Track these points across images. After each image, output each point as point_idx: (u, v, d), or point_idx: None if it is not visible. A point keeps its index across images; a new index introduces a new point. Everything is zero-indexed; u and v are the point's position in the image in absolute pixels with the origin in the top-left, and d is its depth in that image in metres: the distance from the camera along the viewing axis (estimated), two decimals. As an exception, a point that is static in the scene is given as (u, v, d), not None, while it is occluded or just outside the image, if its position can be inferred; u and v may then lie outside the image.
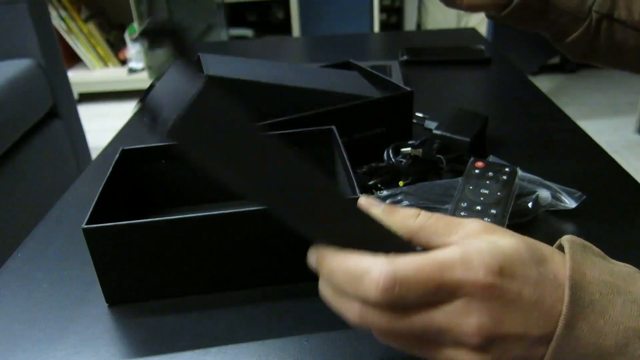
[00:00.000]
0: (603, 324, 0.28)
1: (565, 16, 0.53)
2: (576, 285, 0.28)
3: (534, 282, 0.29)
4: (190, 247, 0.46)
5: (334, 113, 0.62)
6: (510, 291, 0.28)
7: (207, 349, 0.43)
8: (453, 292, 0.28)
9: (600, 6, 0.52)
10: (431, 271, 0.28)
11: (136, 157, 0.57)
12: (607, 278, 0.29)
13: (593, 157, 0.69)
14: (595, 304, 0.28)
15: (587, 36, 0.53)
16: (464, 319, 0.28)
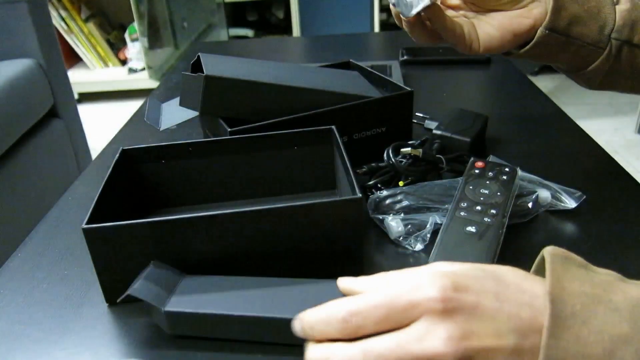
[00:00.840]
0: (587, 333, 0.28)
1: (586, 48, 0.51)
2: (556, 299, 0.29)
3: (492, 293, 0.30)
4: (190, 246, 0.46)
5: (334, 113, 0.62)
6: (468, 302, 0.29)
7: (207, 348, 0.43)
8: (409, 314, 0.30)
9: (619, 33, 0.50)
10: (382, 301, 0.31)
11: (136, 157, 0.57)
12: (587, 289, 0.30)
13: (593, 157, 0.69)
14: (577, 314, 0.29)
15: (606, 64, 0.52)
16: (432, 338, 0.29)
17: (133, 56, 2.66)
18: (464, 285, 0.30)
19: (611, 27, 0.50)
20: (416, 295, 0.30)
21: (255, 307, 0.42)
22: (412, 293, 0.30)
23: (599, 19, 0.50)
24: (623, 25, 0.50)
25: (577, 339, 0.28)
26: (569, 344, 0.28)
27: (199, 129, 0.73)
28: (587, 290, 0.30)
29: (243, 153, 0.59)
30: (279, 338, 0.42)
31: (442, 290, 0.29)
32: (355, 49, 1.26)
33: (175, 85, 1.04)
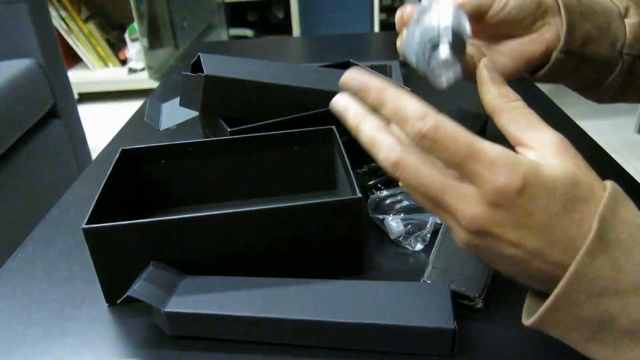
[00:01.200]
0: (624, 261, 0.29)
1: (599, 66, 0.50)
2: (605, 221, 0.29)
3: (552, 212, 0.30)
4: (190, 246, 0.46)
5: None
6: (520, 208, 0.30)
7: (207, 348, 0.43)
8: (469, 176, 0.30)
9: (630, 48, 0.49)
10: (461, 148, 0.30)
11: (136, 157, 0.57)
12: (638, 221, 0.30)
13: (593, 157, 0.68)
14: (622, 242, 0.29)
15: (619, 80, 0.51)
16: (463, 203, 0.31)
17: (133, 56, 2.66)
18: (532, 194, 0.30)
19: (622, 42, 0.49)
20: (485, 172, 0.30)
21: (255, 307, 0.42)
22: (486, 168, 0.30)
23: (609, 35, 0.48)
24: (634, 39, 0.49)
25: (613, 264, 0.29)
26: (603, 266, 0.29)
27: (199, 129, 0.73)
28: (638, 222, 0.30)
29: (243, 153, 0.59)
30: (279, 338, 0.42)
31: (507, 187, 0.30)
32: (355, 49, 1.26)
33: (175, 85, 1.04)
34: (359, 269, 0.50)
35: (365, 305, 0.41)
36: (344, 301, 0.42)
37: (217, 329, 0.43)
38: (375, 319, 0.40)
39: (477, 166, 0.30)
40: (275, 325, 0.41)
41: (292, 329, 0.41)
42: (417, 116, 0.31)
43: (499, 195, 0.30)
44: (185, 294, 0.43)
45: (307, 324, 0.41)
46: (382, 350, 0.41)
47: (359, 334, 0.41)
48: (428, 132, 0.30)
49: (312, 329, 0.41)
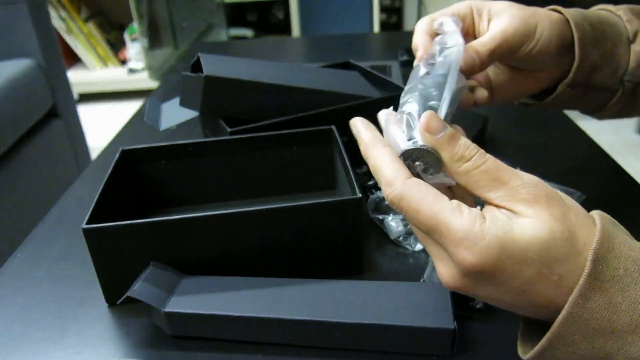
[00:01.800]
0: (621, 300, 0.28)
1: (600, 93, 0.50)
2: (600, 259, 0.28)
3: (525, 279, 0.29)
4: (190, 246, 0.46)
5: (334, 113, 0.62)
6: (492, 280, 0.29)
7: (207, 348, 0.43)
8: (441, 245, 0.30)
9: (632, 75, 0.48)
10: (424, 220, 0.30)
11: (136, 157, 0.57)
12: (636, 255, 0.29)
13: (593, 157, 0.69)
14: (617, 279, 0.28)
15: (619, 104, 0.51)
16: (440, 264, 0.31)
17: (133, 56, 2.66)
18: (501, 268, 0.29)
19: (624, 69, 0.48)
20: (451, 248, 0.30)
21: (254, 307, 0.42)
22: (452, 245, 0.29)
23: (612, 63, 0.48)
24: (636, 67, 0.48)
25: (608, 303, 0.28)
26: (598, 306, 0.28)
27: (199, 129, 0.73)
28: (635, 256, 0.29)
29: (243, 153, 0.59)
30: (279, 338, 0.42)
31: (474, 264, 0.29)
32: (355, 49, 1.26)
33: (175, 85, 1.04)
34: (358, 269, 0.50)
35: (365, 305, 0.41)
36: (344, 301, 0.42)
37: (217, 329, 0.43)
38: (375, 319, 0.40)
39: (442, 240, 0.30)
40: (275, 325, 0.41)
41: (292, 329, 0.41)
42: (386, 182, 0.32)
43: (468, 271, 0.29)
44: (185, 294, 0.43)
45: (307, 324, 0.41)
46: (382, 350, 0.41)
47: (359, 334, 0.41)
48: (393, 200, 0.31)
49: (312, 329, 0.41)
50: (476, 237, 0.28)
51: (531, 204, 0.29)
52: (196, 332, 0.43)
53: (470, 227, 0.29)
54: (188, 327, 0.43)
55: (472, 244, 0.29)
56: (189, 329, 0.43)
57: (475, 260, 0.29)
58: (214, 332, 0.43)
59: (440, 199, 0.30)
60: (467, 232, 0.29)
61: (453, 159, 0.31)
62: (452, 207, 0.30)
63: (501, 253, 0.28)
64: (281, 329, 0.41)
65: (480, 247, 0.28)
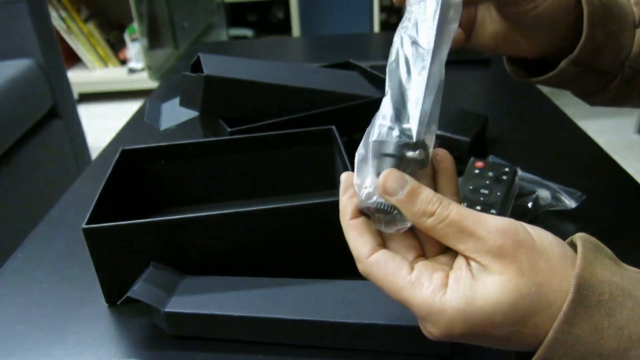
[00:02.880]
0: (607, 325, 0.27)
1: (600, 75, 0.48)
2: (583, 284, 0.28)
3: (498, 338, 0.30)
4: (190, 246, 0.46)
5: (334, 113, 0.62)
6: (464, 340, 0.30)
7: (207, 348, 0.43)
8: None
9: (633, 61, 0.46)
10: (390, 293, 0.31)
11: (136, 157, 0.57)
12: (618, 280, 0.28)
13: (593, 157, 0.69)
14: (603, 304, 0.28)
15: (616, 90, 0.49)
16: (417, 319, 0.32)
17: (133, 56, 2.66)
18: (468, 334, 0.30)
19: (626, 54, 0.46)
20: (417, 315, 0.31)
21: (255, 307, 0.42)
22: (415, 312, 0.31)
23: (616, 45, 0.46)
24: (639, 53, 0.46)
25: (594, 330, 0.27)
26: (583, 332, 0.27)
27: (199, 129, 0.73)
28: (619, 282, 0.28)
29: (243, 153, 0.59)
30: (279, 338, 0.42)
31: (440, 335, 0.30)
32: (355, 49, 1.26)
33: (175, 85, 1.04)
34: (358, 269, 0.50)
35: (365, 305, 0.41)
36: (343, 301, 0.42)
37: (217, 329, 0.43)
38: (375, 319, 0.40)
39: (409, 309, 0.31)
40: (275, 325, 0.41)
41: (292, 329, 0.41)
42: (355, 256, 0.33)
43: (439, 337, 0.30)
44: (185, 294, 0.43)
45: (306, 324, 0.41)
46: (382, 350, 0.41)
47: (358, 334, 0.41)
48: (363, 273, 0.33)
49: (312, 329, 0.41)
50: (437, 312, 0.29)
51: (498, 258, 0.29)
52: (196, 332, 0.43)
53: (431, 303, 0.29)
54: (188, 327, 0.43)
55: (435, 319, 0.29)
56: (189, 329, 0.43)
57: (441, 334, 0.30)
58: (214, 332, 0.43)
59: (400, 274, 0.31)
60: (428, 308, 0.29)
61: (416, 216, 0.31)
62: (412, 283, 0.30)
63: (466, 323, 0.29)
64: (281, 329, 0.41)
65: (443, 322, 0.29)
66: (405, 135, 0.32)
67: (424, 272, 0.30)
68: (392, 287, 0.31)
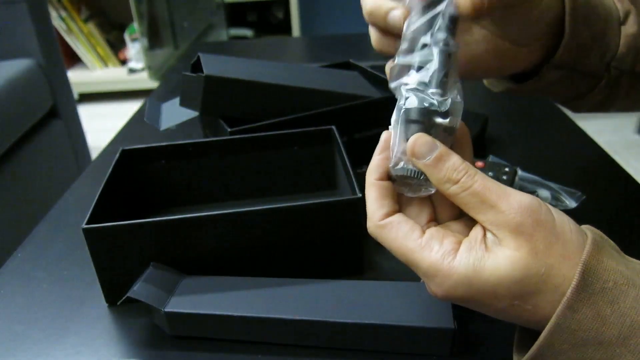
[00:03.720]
0: (610, 313, 0.28)
1: (584, 78, 0.45)
2: (589, 271, 0.28)
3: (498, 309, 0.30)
4: (190, 246, 0.46)
5: (334, 113, 0.62)
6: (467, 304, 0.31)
7: (207, 348, 0.43)
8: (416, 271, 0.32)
9: (620, 62, 0.44)
10: (398, 254, 0.32)
11: (136, 157, 0.57)
12: (623, 269, 0.29)
13: (593, 157, 0.69)
14: (607, 292, 0.28)
15: (601, 94, 0.47)
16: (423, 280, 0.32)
17: (133, 56, 2.66)
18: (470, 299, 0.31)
19: (612, 54, 0.44)
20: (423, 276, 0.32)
21: (255, 307, 0.42)
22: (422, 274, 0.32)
23: (602, 45, 0.44)
24: (626, 53, 0.44)
25: (597, 316, 0.28)
26: (586, 318, 0.28)
27: (199, 129, 0.73)
28: (623, 270, 0.29)
29: (243, 153, 0.59)
30: (279, 338, 0.42)
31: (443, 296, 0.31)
32: (355, 49, 1.26)
33: (175, 85, 1.04)
34: (358, 269, 0.50)
35: (365, 305, 0.41)
36: (344, 301, 0.42)
37: (217, 329, 0.43)
38: (375, 319, 0.40)
39: (416, 271, 0.32)
40: (275, 325, 0.41)
41: (292, 329, 0.41)
42: (368, 216, 0.33)
43: (440, 298, 0.31)
44: (185, 294, 0.43)
45: (307, 324, 0.41)
46: (382, 350, 0.41)
47: (359, 334, 0.41)
48: (371, 233, 0.33)
49: (312, 329, 0.41)
50: (444, 275, 0.30)
51: (515, 234, 0.29)
52: (196, 332, 0.43)
53: (439, 266, 0.30)
54: (188, 327, 0.43)
55: (440, 282, 0.30)
56: (189, 329, 0.43)
57: (444, 295, 0.31)
58: (214, 332, 0.43)
59: (411, 237, 0.32)
60: (435, 270, 0.30)
61: (441, 182, 0.31)
62: (422, 246, 0.31)
63: (469, 290, 0.30)
64: (281, 329, 0.41)
65: (447, 285, 0.30)
66: (435, 102, 0.32)
67: (435, 237, 0.31)
68: (402, 249, 0.32)
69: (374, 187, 0.34)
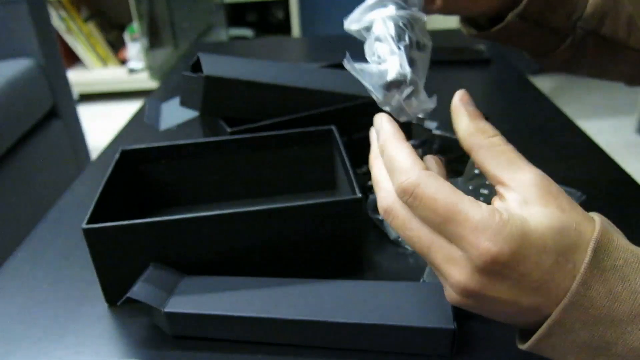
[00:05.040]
0: (621, 290, 0.28)
1: (550, 34, 0.48)
2: (601, 248, 0.28)
3: (545, 269, 0.29)
4: (190, 246, 0.46)
5: (334, 113, 0.62)
6: (512, 271, 0.29)
7: (207, 348, 0.43)
8: (453, 238, 0.29)
9: (585, 22, 0.47)
10: (441, 208, 0.29)
11: (136, 158, 0.57)
12: (634, 249, 0.29)
13: (593, 157, 0.69)
14: (618, 269, 0.28)
15: (568, 52, 0.49)
16: (451, 267, 0.30)
17: (133, 56, 2.66)
18: (523, 255, 0.28)
19: (579, 14, 0.47)
20: (471, 239, 0.29)
21: (255, 307, 0.42)
22: (471, 234, 0.29)
23: (569, 5, 0.47)
24: (592, 14, 0.46)
25: (609, 293, 0.28)
26: (598, 295, 0.28)
27: (199, 129, 0.73)
28: (633, 249, 0.29)
29: (243, 153, 0.59)
30: (279, 338, 0.42)
31: (496, 253, 0.28)
32: (355, 49, 1.26)
33: (175, 85, 1.04)
34: (358, 269, 0.50)
35: (365, 305, 0.41)
36: (343, 301, 0.42)
37: (217, 329, 0.43)
38: (375, 319, 0.40)
39: (459, 229, 0.29)
40: (275, 325, 0.41)
41: (292, 329, 0.41)
42: (402, 169, 0.31)
43: (488, 263, 0.28)
44: (185, 294, 0.43)
45: (306, 324, 0.41)
46: (382, 351, 0.41)
47: (359, 334, 0.41)
48: (408, 187, 0.30)
49: (311, 329, 0.41)
50: (498, 226, 0.28)
51: (542, 193, 0.30)
52: (196, 332, 0.43)
53: (491, 217, 0.28)
54: (188, 327, 0.43)
55: (494, 233, 0.28)
56: (189, 329, 0.43)
57: (498, 250, 0.28)
58: (214, 332, 0.43)
59: (457, 191, 0.30)
60: (488, 222, 0.28)
61: (479, 130, 0.33)
62: (470, 199, 0.30)
63: (524, 241, 0.28)
64: (281, 329, 0.41)
65: (504, 236, 0.28)
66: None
67: (474, 200, 0.30)
68: (448, 199, 0.29)
69: (405, 145, 0.33)
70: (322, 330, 0.41)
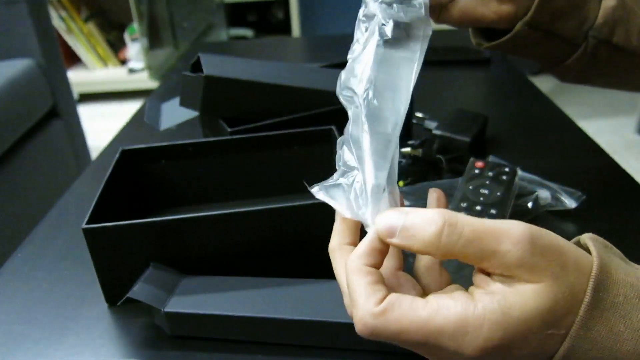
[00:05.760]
0: (623, 328, 0.27)
1: (561, 44, 0.47)
2: (600, 286, 0.27)
3: (534, 346, 0.28)
4: (190, 246, 0.46)
5: (334, 113, 0.62)
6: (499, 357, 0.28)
7: (207, 348, 0.43)
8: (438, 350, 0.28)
9: (597, 31, 0.46)
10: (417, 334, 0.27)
11: (136, 157, 0.57)
12: (633, 281, 0.28)
13: (593, 157, 0.69)
14: (618, 307, 0.27)
15: (581, 62, 0.48)
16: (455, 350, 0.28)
17: (133, 56, 2.66)
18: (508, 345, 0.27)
19: (591, 24, 0.46)
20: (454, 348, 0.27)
21: (255, 307, 0.42)
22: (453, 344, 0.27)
23: (580, 14, 0.46)
24: (604, 23, 0.46)
25: (610, 332, 0.27)
26: (600, 336, 0.27)
27: (199, 129, 0.73)
28: (633, 282, 0.28)
29: (243, 153, 0.59)
30: (279, 338, 0.42)
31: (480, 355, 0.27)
32: (355, 49, 1.26)
33: (175, 85, 1.04)
34: (359, 269, 0.50)
35: None
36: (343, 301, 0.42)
37: (217, 329, 0.43)
38: None
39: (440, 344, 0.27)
40: (275, 325, 0.41)
41: (292, 329, 0.41)
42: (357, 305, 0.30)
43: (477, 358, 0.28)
44: (185, 294, 0.43)
45: (306, 324, 0.41)
46: (382, 351, 0.41)
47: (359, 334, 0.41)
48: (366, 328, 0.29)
49: (311, 329, 0.41)
50: (474, 327, 0.27)
51: (530, 269, 0.27)
52: (196, 332, 0.43)
53: (466, 319, 0.27)
54: (188, 327, 0.43)
55: (473, 338, 0.27)
56: (189, 329, 0.43)
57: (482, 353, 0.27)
58: (214, 332, 0.43)
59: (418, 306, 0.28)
60: (464, 326, 0.27)
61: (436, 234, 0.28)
62: (436, 309, 0.27)
63: (505, 334, 0.27)
64: (281, 329, 0.41)
65: (482, 338, 0.27)
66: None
67: (441, 296, 0.28)
68: (415, 324, 0.27)
69: (361, 272, 0.30)
70: (321, 330, 0.41)
